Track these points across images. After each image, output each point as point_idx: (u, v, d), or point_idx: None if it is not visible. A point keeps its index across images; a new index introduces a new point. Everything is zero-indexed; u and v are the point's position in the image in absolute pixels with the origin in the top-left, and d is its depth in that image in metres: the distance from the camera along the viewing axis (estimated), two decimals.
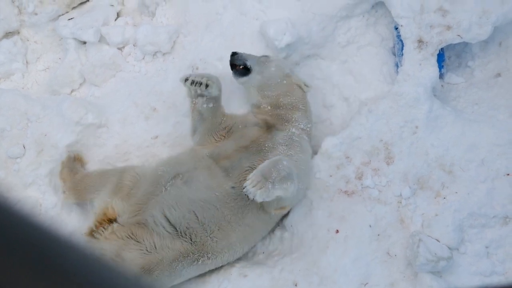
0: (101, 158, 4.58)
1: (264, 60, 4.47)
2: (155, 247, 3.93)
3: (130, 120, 4.64)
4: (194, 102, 4.44)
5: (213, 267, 4.22)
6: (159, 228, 3.98)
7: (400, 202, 4.33)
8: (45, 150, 4.44)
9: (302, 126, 4.41)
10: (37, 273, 0.91)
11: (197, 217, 4.01)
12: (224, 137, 4.39)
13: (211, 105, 4.41)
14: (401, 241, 4.27)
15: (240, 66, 4.47)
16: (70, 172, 4.40)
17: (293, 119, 4.38)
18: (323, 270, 4.22)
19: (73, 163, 4.46)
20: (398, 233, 4.29)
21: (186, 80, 4.30)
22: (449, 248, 4.17)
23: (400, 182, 4.35)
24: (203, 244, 4.01)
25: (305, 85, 4.48)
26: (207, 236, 4.02)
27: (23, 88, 4.87)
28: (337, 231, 4.30)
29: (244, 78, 4.49)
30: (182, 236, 3.99)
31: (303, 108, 4.46)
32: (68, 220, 4.41)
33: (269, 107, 4.46)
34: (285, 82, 4.44)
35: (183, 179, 4.13)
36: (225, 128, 4.42)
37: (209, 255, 4.06)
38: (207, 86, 4.27)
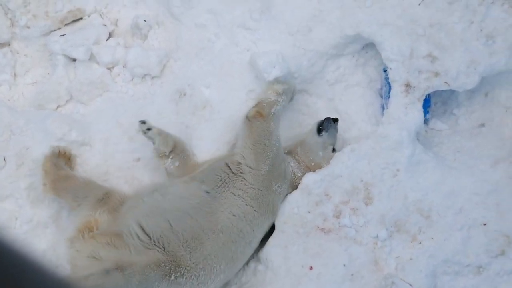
0: (81, 176, 4.55)
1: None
2: (130, 253, 3.89)
3: (113, 140, 4.63)
4: (163, 164, 4.50)
5: None
6: (134, 237, 3.94)
7: (376, 244, 4.34)
8: (26, 164, 4.41)
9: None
10: None
11: (171, 226, 3.99)
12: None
13: (177, 163, 4.47)
14: (374, 283, 4.27)
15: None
16: (54, 167, 4.34)
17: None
18: None
19: (57, 159, 4.40)
20: (371, 274, 4.29)
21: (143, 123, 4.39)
22: None
23: (377, 224, 4.36)
24: (175, 254, 3.91)
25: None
26: (180, 246, 3.94)
27: (9, 100, 4.84)
28: (311, 268, 4.30)
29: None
30: (156, 244, 3.93)
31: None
32: (42, 235, 4.37)
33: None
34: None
35: (160, 192, 4.19)
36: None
37: (183, 271, 3.91)
38: (149, 129, 4.37)
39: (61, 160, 4.43)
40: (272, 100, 4.46)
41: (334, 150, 4.70)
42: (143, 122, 4.36)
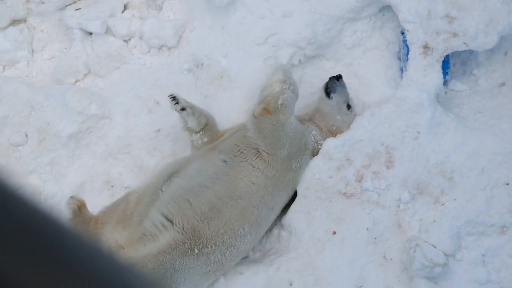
0: (103, 149, 4.58)
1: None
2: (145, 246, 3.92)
3: (133, 112, 4.64)
4: (191, 140, 4.49)
5: (220, 257, 4.01)
6: (158, 227, 3.96)
7: (399, 207, 4.33)
8: (47, 139, 4.45)
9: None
10: (42, 264, 0.92)
11: (191, 204, 4.00)
12: None
13: (205, 139, 4.44)
14: (397, 246, 4.28)
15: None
16: (83, 224, 4.25)
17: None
18: (319, 271, 4.23)
19: (80, 216, 4.26)
20: (395, 237, 4.30)
21: (171, 95, 4.30)
22: (445, 255, 4.19)
23: (400, 187, 4.35)
24: (194, 229, 3.92)
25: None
26: (197, 220, 3.95)
27: (27, 76, 4.88)
28: (334, 233, 4.31)
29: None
30: (176, 226, 3.95)
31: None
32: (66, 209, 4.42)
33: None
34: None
35: (177, 174, 4.18)
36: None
37: (204, 241, 3.91)
38: (183, 109, 4.29)
39: (84, 212, 4.30)
40: (277, 91, 4.23)
41: (349, 107, 4.68)
42: (174, 100, 4.26)
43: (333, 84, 4.60)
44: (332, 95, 4.60)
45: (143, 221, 4.04)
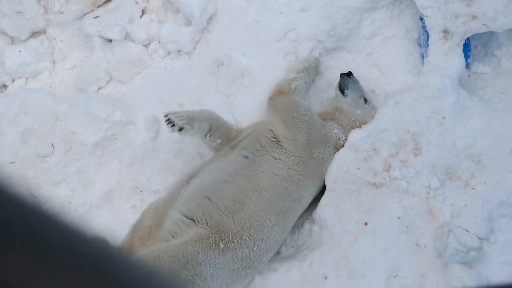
0: (129, 155, 4.59)
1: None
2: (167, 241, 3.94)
3: (157, 117, 4.65)
4: (205, 143, 4.52)
5: (247, 252, 3.98)
6: (179, 226, 3.98)
7: (429, 193, 4.32)
8: (74, 148, 4.48)
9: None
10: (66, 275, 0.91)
11: (211, 200, 4.01)
12: None
13: (219, 141, 4.46)
14: (430, 232, 4.26)
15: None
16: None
17: None
18: (352, 263, 4.22)
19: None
20: (427, 224, 4.28)
21: (165, 116, 4.22)
22: (479, 238, 4.16)
23: (428, 173, 4.33)
24: (218, 224, 3.92)
25: None
26: (221, 215, 3.95)
27: (50, 87, 4.91)
28: (366, 224, 4.30)
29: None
30: (198, 222, 3.95)
31: None
32: (98, 216, 4.45)
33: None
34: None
35: (195, 176, 4.21)
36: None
37: (230, 235, 3.91)
38: (181, 129, 4.17)
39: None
40: (291, 77, 4.51)
41: (366, 100, 4.67)
42: (170, 122, 4.16)
43: (345, 81, 4.61)
44: (346, 91, 4.61)
45: (162, 223, 4.06)
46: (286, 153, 4.23)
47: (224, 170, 4.15)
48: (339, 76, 4.64)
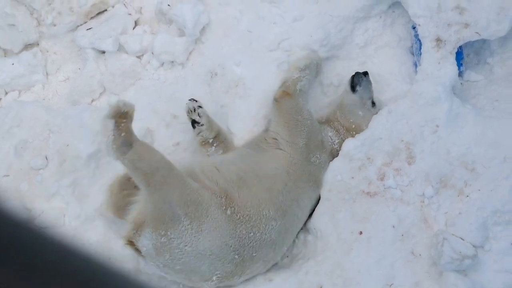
0: (123, 167, 4.57)
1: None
2: None
3: (151, 128, 4.65)
4: (206, 152, 4.61)
5: (244, 233, 3.99)
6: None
7: (423, 202, 4.33)
8: (68, 161, 4.45)
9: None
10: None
11: (218, 170, 4.14)
12: None
13: (220, 152, 4.59)
14: (425, 241, 4.27)
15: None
16: (120, 191, 4.37)
17: None
18: (347, 272, 4.23)
19: (126, 182, 4.34)
20: (421, 232, 4.28)
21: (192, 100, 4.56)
22: (474, 246, 4.16)
23: (423, 182, 4.34)
24: (226, 191, 4.02)
25: None
26: (228, 184, 4.06)
27: (44, 100, 4.89)
28: (361, 233, 4.31)
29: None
30: (209, 181, 4.07)
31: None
32: (92, 229, 4.43)
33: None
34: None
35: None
36: None
37: (236, 207, 3.99)
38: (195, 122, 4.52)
39: (128, 184, 4.33)
40: (296, 77, 4.53)
41: (373, 104, 4.68)
42: (191, 112, 4.52)
43: (359, 78, 4.63)
44: (357, 88, 4.62)
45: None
46: (285, 155, 4.33)
47: (230, 155, 4.38)
48: (354, 73, 4.67)
